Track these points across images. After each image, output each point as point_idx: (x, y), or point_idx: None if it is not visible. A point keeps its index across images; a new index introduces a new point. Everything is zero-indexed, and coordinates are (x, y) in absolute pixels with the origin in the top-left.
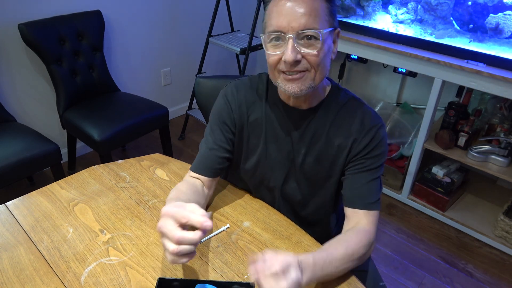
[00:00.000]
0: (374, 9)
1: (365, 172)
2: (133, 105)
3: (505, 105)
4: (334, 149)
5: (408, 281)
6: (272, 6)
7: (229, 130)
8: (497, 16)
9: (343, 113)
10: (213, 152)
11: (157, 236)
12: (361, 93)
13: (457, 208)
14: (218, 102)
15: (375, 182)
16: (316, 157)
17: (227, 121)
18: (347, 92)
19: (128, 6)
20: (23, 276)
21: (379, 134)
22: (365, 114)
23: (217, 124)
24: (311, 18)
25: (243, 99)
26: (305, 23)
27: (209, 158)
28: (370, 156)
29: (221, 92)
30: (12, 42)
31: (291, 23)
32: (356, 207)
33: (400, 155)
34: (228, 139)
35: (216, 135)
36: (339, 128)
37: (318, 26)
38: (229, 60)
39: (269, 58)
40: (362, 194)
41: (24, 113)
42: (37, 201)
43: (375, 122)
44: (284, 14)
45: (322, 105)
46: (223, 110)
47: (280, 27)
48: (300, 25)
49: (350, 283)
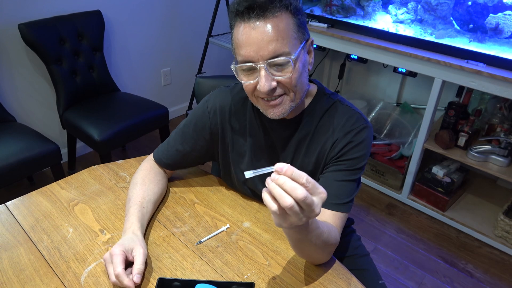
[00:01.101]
0: (374, 9)
1: (339, 171)
2: (133, 105)
3: (505, 105)
4: (316, 153)
5: (408, 281)
6: (237, 33)
7: (200, 138)
8: (497, 16)
9: (326, 118)
10: (178, 153)
11: (157, 236)
12: (361, 93)
13: (457, 208)
14: (199, 107)
15: (349, 183)
16: (300, 166)
17: (201, 130)
18: (332, 96)
19: (128, 6)
20: (23, 276)
21: (360, 136)
22: (348, 116)
23: (190, 127)
24: (278, 43)
25: (226, 108)
26: (274, 49)
27: (173, 155)
28: (348, 158)
29: (205, 98)
30: (12, 42)
31: (260, 52)
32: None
33: (400, 155)
34: (197, 145)
35: (185, 137)
36: (322, 133)
37: (287, 48)
38: (229, 60)
39: (245, 86)
40: (331, 193)
41: (24, 113)
42: (37, 201)
43: (357, 124)
44: (251, 43)
45: (306, 113)
46: (200, 118)
47: (249, 57)
48: (269, 53)
49: (350, 283)
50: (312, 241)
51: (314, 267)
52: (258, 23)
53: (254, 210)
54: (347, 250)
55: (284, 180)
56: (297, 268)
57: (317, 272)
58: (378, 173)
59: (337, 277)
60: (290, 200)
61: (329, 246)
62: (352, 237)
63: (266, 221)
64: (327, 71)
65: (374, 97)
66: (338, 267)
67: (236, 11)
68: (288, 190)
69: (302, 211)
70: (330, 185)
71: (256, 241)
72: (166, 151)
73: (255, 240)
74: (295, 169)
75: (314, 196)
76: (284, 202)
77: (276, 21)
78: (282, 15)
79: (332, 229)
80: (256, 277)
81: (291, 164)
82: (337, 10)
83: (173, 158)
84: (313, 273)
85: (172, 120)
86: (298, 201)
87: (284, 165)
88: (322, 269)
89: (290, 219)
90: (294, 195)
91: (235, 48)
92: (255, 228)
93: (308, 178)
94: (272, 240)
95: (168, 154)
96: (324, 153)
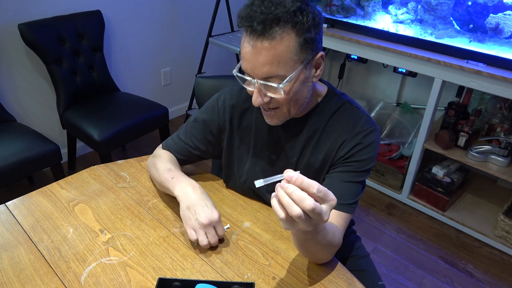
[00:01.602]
0: (374, 9)
1: (346, 172)
2: (133, 105)
3: (505, 105)
4: (323, 154)
5: (408, 281)
6: (242, 42)
7: (209, 133)
8: (497, 16)
9: (335, 118)
10: (187, 147)
11: (157, 236)
12: (361, 93)
13: (457, 208)
14: (210, 103)
15: (355, 185)
16: (307, 164)
17: (211, 125)
18: (342, 96)
19: (128, 6)
20: (23, 276)
21: (368, 139)
22: (357, 118)
23: (201, 122)
24: (273, 67)
25: (236, 106)
26: (267, 72)
27: (182, 148)
28: (355, 160)
29: (216, 95)
30: (12, 42)
31: (254, 70)
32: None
33: (400, 155)
34: (206, 140)
35: (195, 131)
36: (331, 133)
37: (282, 72)
38: (229, 60)
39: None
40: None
41: (24, 113)
42: (37, 201)
43: (366, 126)
44: (248, 60)
45: (315, 112)
46: (211, 113)
47: (246, 70)
48: (263, 74)
49: (350, 283)
50: (318, 241)
51: (314, 267)
52: (257, 43)
53: (254, 210)
54: (347, 251)
55: (293, 190)
56: (297, 268)
57: (317, 272)
58: (378, 173)
59: (337, 277)
60: (298, 210)
61: (333, 246)
62: (352, 238)
63: (266, 221)
64: (327, 71)
65: (374, 97)
66: (339, 267)
67: (240, 23)
68: (297, 200)
69: (310, 219)
70: (336, 185)
71: (256, 241)
72: (175, 144)
73: (255, 240)
74: (305, 178)
75: (324, 204)
76: (292, 212)
77: (274, 44)
78: (283, 38)
79: (336, 229)
80: (256, 277)
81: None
82: (337, 10)
83: (182, 152)
84: (313, 273)
85: (172, 120)
86: (307, 212)
87: (294, 173)
88: (322, 269)
89: (298, 225)
90: (302, 205)
91: (240, 54)
92: (255, 228)
93: (319, 187)
94: (272, 240)
95: (178, 148)
96: (332, 153)
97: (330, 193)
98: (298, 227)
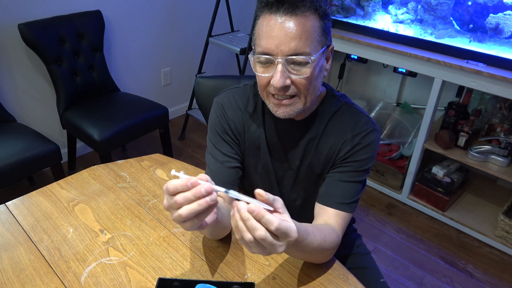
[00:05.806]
0: (374, 9)
1: (345, 172)
2: (133, 105)
3: (505, 105)
4: (325, 154)
5: (408, 281)
6: (262, 24)
7: (233, 139)
8: (497, 16)
9: (335, 119)
10: (225, 164)
11: (157, 236)
12: (361, 93)
13: (457, 208)
14: (214, 113)
15: (354, 185)
16: (309, 166)
17: (228, 131)
18: (341, 98)
19: (128, 6)
20: (23, 276)
21: (368, 139)
22: (357, 119)
23: (218, 136)
24: (301, 42)
25: (242, 109)
26: (295, 47)
27: (222, 171)
28: (355, 160)
29: (216, 101)
30: (12, 42)
31: (281, 46)
32: (326, 204)
33: (400, 155)
34: (235, 149)
35: (221, 147)
36: (331, 134)
37: (309, 49)
38: (229, 60)
39: (259, 79)
40: (336, 193)
41: (24, 113)
42: (37, 201)
43: (366, 127)
44: (273, 36)
45: (315, 115)
46: (221, 121)
47: (269, 49)
48: (290, 49)
49: (350, 283)
50: (304, 251)
51: (314, 267)
52: (285, 18)
53: None
54: (348, 249)
55: (248, 218)
56: (297, 268)
57: (317, 272)
58: (378, 173)
59: (337, 277)
60: (249, 237)
61: (324, 250)
62: (353, 236)
63: None
64: None
65: (374, 97)
66: (338, 267)
67: (266, 1)
68: (249, 228)
69: (264, 247)
70: (336, 185)
71: None
72: (213, 172)
73: None
74: (266, 214)
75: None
76: (244, 237)
77: (303, 20)
78: (310, 16)
79: (330, 233)
80: (256, 277)
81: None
82: (337, 10)
83: (224, 174)
84: (313, 273)
85: (172, 120)
86: (258, 240)
87: (256, 207)
88: (322, 269)
89: (251, 249)
90: (253, 234)
91: (256, 39)
92: None
93: (279, 226)
94: None
95: (216, 174)
96: (333, 154)
97: (291, 231)
98: (252, 250)
